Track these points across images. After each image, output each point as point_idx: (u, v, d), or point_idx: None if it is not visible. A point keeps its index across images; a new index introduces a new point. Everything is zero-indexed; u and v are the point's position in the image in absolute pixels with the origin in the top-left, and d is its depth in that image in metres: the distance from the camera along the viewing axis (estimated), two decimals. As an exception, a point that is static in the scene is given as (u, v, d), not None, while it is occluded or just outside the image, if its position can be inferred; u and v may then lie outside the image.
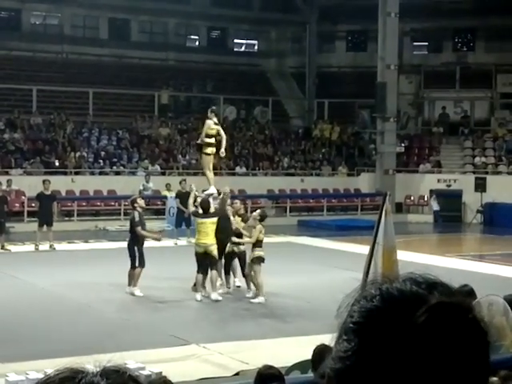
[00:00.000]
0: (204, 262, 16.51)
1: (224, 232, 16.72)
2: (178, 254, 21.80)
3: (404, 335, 1.19)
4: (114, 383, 1.21)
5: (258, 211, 17.44)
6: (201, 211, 16.90)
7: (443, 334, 1.19)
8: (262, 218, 16.81)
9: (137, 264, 16.73)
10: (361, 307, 1.25)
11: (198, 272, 16.57)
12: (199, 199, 17.56)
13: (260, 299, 16.34)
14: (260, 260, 16.38)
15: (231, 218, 17.10)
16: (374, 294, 1.26)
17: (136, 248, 16.79)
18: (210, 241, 16.46)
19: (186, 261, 18.28)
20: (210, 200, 17.18)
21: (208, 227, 16.53)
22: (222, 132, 18.48)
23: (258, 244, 16.47)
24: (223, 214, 16.96)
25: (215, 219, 16.62)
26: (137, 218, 16.91)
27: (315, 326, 12.54)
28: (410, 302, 1.23)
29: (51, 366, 9.35)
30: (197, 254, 16.61)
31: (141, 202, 17.44)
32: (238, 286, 17.46)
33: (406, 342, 1.19)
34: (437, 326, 1.19)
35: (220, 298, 16.52)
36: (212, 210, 16.80)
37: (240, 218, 17.31)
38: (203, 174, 19.41)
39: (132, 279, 16.81)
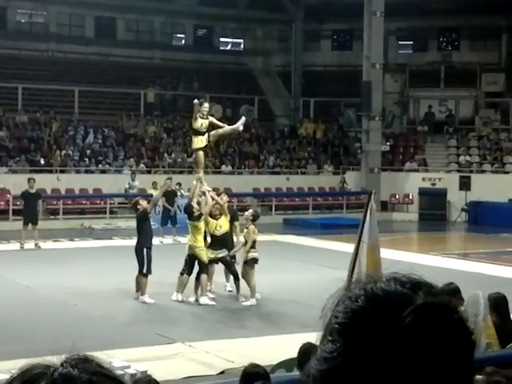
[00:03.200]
0: (191, 263, 16.28)
1: None
2: (164, 252, 21.76)
3: (390, 336, 1.19)
4: (85, 371, 1.23)
5: (251, 211, 17.00)
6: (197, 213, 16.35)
7: (429, 334, 1.19)
8: (255, 218, 16.44)
9: (144, 270, 16.21)
10: (345, 308, 1.25)
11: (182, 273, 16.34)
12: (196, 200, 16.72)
13: (252, 301, 16.03)
14: (254, 261, 16.05)
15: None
16: (359, 294, 1.25)
17: (145, 251, 16.18)
18: (196, 243, 16.13)
19: (172, 259, 18.26)
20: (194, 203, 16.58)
21: (192, 229, 16.25)
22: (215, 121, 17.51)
23: (252, 245, 16.15)
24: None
25: (200, 222, 16.22)
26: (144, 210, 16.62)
27: (301, 325, 12.57)
28: (395, 302, 1.23)
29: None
30: (188, 255, 16.37)
31: (143, 202, 16.96)
32: (230, 291, 17.02)
33: (392, 343, 1.19)
34: (423, 327, 1.20)
35: (210, 303, 16.10)
36: (197, 213, 16.29)
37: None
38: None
39: (140, 286, 16.36)
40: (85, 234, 28.77)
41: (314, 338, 1.33)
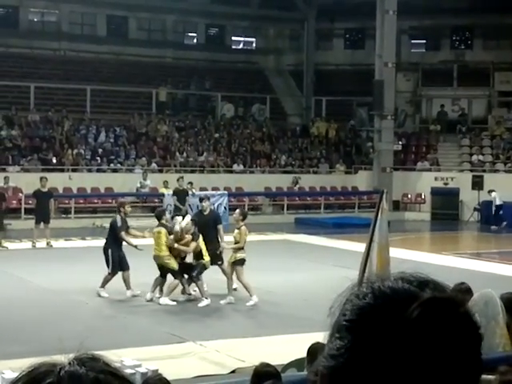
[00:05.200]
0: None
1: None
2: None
3: (397, 331, 1.20)
4: (92, 370, 1.23)
5: (238, 211, 16.75)
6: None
7: (436, 328, 1.20)
8: (244, 217, 16.23)
9: (109, 269, 16.39)
10: (353, 305, 1.26)
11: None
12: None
13: (254, 299, 15.84)
14: (242, 262, 15.75)
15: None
16: (366, 292, 1.26)
17: (110, 251, 16.43)
18: (161, 252, 16.06)
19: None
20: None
21: (156, 238, 16.25)
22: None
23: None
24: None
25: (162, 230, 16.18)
26: (119, 223, 16.65)
27: (312, 324, 12.52)
28: (402, 298, 1.23)
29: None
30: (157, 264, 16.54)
31: (128, 208, 17.30)
32: (235, 289, 16.74)
33: (399, 338, 1.19)
34: (430, 321, 1.20)
35: (171, 303, 15.91)
36: (163, 220, 16.39)
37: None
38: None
39: (125, 283, 16.50)
40: (96, 233, 28.69)
41: (324, 337, 1.33)
